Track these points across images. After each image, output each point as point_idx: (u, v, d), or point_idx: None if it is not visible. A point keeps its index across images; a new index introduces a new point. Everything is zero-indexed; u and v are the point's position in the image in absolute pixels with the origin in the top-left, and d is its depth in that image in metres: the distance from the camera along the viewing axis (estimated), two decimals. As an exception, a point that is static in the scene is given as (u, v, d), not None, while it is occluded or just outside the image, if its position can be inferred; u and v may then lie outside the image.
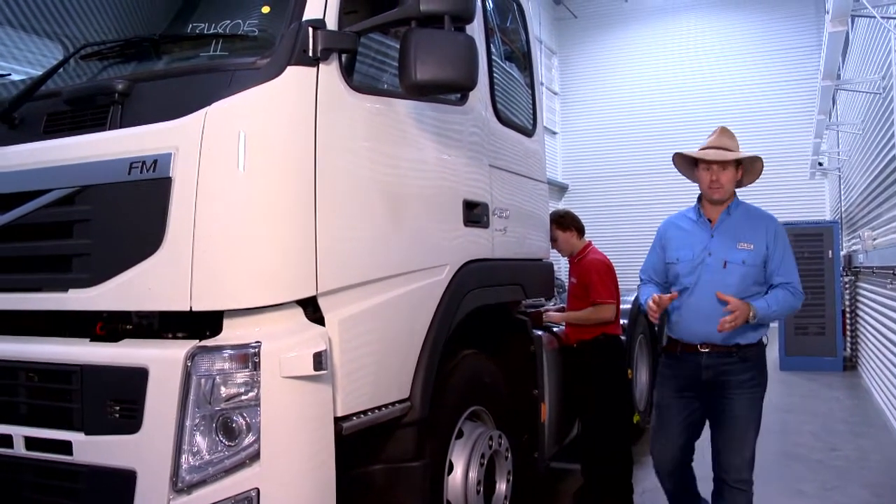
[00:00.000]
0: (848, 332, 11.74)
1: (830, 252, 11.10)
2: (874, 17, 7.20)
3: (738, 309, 3.39)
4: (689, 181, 3.88)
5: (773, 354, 11.56)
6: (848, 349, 11.72)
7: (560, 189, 20.31)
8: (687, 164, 3.82)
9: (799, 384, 10.01)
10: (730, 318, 3.37)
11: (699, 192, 3.76)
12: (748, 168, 3.72)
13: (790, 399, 9.02)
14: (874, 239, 9.04)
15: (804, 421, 7.77)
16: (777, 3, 18.96)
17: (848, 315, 11.77)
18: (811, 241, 11.13)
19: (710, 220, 3.70)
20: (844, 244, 12.97)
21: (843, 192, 14.29)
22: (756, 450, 3.57)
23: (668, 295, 3.57)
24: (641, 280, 3.97)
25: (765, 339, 3.69)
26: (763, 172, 3.73)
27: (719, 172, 3.61)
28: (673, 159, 3.84)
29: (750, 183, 3.77)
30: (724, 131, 3.74)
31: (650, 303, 3.56)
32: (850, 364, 11.41)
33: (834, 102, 13.47)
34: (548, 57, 20.52)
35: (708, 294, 3.54)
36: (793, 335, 11.27)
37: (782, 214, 14.20)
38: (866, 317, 10.45)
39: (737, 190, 3.76)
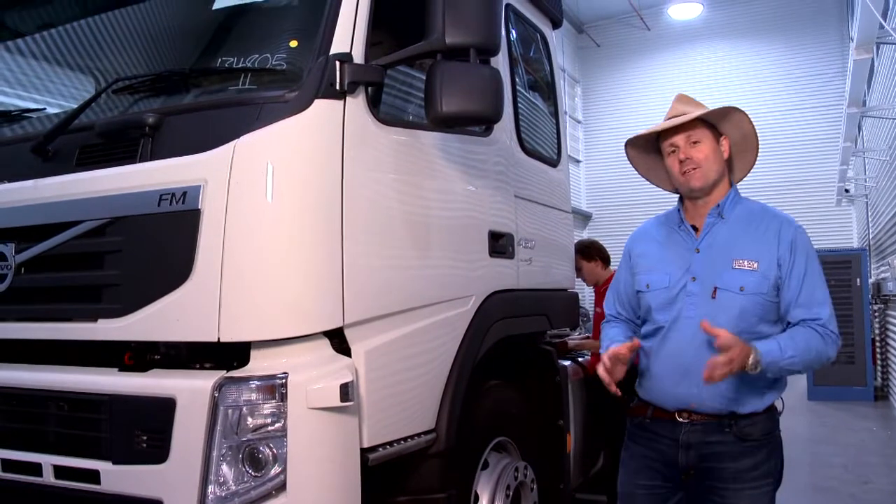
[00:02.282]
0: (878, 362, 11.57)
1: (858, 280, 11.00)
2: (900, 44, 7.17)
3: (733, 346, 2.27)
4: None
5: (800, 384, 11.43)
6: (879, 379, 11.54)
7: (584, 218, 20.27)
8: (650, 161, 2.81)
9: (828, 414, 9.86)
10: (722, 359, 2.26)
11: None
12: (735, 139, 2.67)
13: (820, 430, 8.89)
14: (904, 267, 8.93)
15: (835, 452, 7.64)
16: (800, 30, 18.93)
17: (878, 344, 11.61)
18: (839, 269, 11.02)
19: (694, 228, 2.65)
20: (873, 272, 12.82)
21: (870, 219, 14.15)
22: (781, 484, 2.69)
23: (625, 345, 2.55)
24: (606, 317, 2.95)
25: (779, 404, 2.62)
26: (789, 199, 3.27)
27: (688, 148, 2.58)
28: (629, 158, 2.85)
29: (747, 169, 2.75)
30: (680, 98, 2.75)
31: (600, 369, 2.54)
32: (882, 394, 11.23)
33: (860, 129, 13.39)
34: (571, 86, 20.59)
35: (689, 338, 2.51)
36: (821, 364, 11.12)
37: (809, 242, 14.14)
38: (897, 346, 10.30)
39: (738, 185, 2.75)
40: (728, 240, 2.58)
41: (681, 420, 2.58)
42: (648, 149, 2.81)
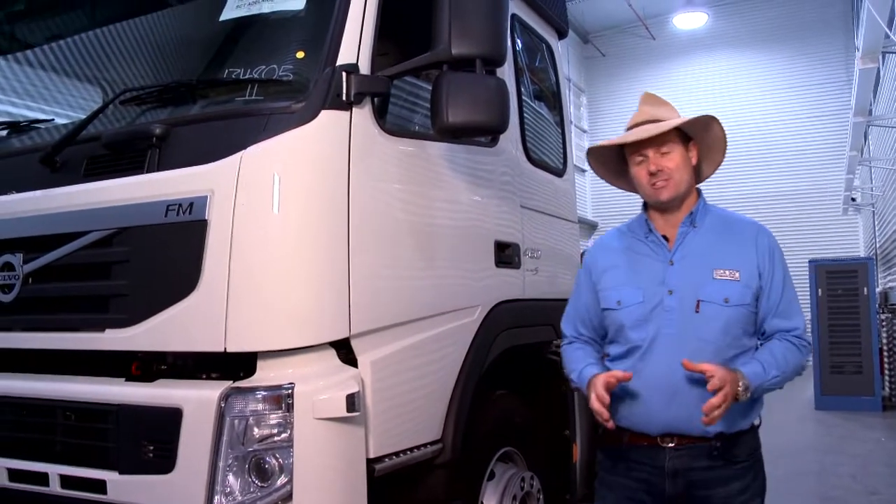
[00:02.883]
0: (887, 371, 11.52)
1: (866, 289, 10.94)
2: (906, 53, 7.16)
3: (725, 383, 2.20)
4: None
5: (807, 393, 11.38)
6: (887, 388, 11.48)
7: (590, 227, 20.26)
8: (614, 166, 2.67)
9: (836, 424, 9.80)
10: (717, 400, 2.18)
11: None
12: (704, 144, 2.54)
13: (827, 439, 8.84)
14: (911, 276, 8.90)
15: (842, 462, 7.58)
16: (805, 40, 18.95)
17: (886, 353, 11.55)
18: (845, 278, 10.98)
19: (665, 239, 2.52)
20: (880, 281, 12.79)
21: (877, 228, 14.12)
22: (789, 494, 2.75)
23: (615, 374, 2.37)
24: (564, 338, 2.75)
25: (757, 420, 2.52)
26: (795, 208, 3.09)
27: (658, 158, 2.44)
28: (591, 165, 2.73)
29: (712, 170, 2.61)
30: (647, 98, 2.63)
31: (595, 402, 2.34)
32: (890, 404, 11.16)
33: (866, 138, 13.39)
34: (576, 95, 20.62)
35: (674, 356, 2.32)
36: (828, 374, 11.07)
37: (815, 251, 14.15)
38: (905, 356, 10.25)
39: (704, 191, 2.61)
40: (704, 249, 2.45)
41: (664, 445, 2.41)
42: (613, 156, 2.67)
